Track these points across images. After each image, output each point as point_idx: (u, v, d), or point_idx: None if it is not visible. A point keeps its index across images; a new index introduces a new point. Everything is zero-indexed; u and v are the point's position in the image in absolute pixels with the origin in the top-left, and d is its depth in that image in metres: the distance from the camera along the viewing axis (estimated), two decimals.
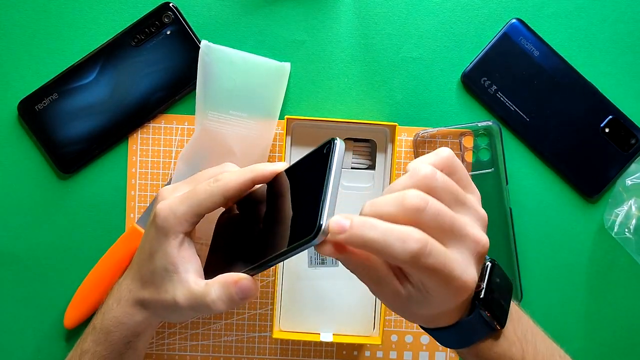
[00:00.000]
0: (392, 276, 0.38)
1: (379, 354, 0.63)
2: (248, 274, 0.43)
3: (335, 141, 0.40)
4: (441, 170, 0.37)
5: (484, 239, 0.38)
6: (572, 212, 0.63)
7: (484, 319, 0.40)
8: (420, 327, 0.42)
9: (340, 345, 0.63)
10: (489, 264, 0.41)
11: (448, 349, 0.63)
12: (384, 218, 0.35)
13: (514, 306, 0.43)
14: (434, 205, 0.35)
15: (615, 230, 0.61)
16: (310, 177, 0.41)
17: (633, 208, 0.60)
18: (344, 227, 0.35)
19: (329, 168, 0.39)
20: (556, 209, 0.63)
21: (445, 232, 0.36)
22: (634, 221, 0.61)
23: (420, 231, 0.34)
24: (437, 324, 0.41)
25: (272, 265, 0.42)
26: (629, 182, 0.61)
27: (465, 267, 0.36)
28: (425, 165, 0.37)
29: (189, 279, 0.44)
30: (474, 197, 0.39)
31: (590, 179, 0.62)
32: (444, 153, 0.38)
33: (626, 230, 0.61)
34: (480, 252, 0.37)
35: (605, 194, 0.63)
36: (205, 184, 0.45)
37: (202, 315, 0.57)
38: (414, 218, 0.35)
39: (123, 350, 0.49)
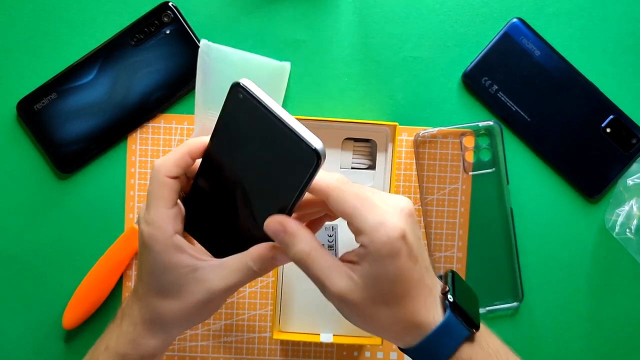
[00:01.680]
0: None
1: (379, 354, 0.63)
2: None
3: (242, 82, 0.39)
4: None
5: (404, 198, 0.42)
6: (573, 212, 0.63)
7: (457, 319, 0.41)
8: (400, 349, 0.43)
9: (340, 346, 0.63)
10: (450, 273, 0.44)
11: None
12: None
13: (483, 324, 0.44)
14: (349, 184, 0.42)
15: (617, 230, 0.61)
16: (253, 125, 0.39)
17: (634, 208, 0.60)
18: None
19: (267, 107, 0.38)
20: (557, 209, 0.63)
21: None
22: (635, 221, 0.60)
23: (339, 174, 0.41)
24: (412, 331, 0.41)
25: (295, 204, 0.41)
26: (630, 182, 0.61)
27: (389, 210, 0.40)
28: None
29: (211, 264, 0.44)
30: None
31: (591, 178, 0.62)
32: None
33: (627, 230, 0.60)
34: (404, 207, 0.41)
35: (607, 194, 0.63)
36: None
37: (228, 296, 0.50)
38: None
39: None
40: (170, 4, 0.61)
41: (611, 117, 0.62)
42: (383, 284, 0.40)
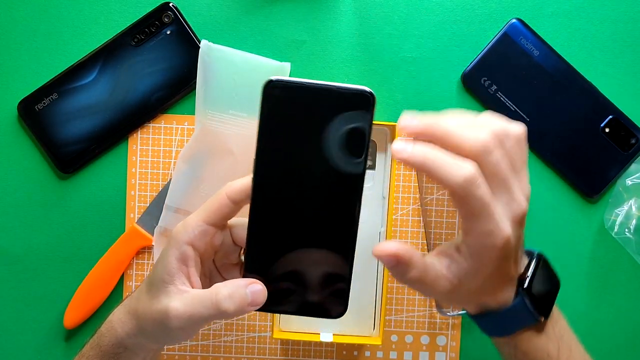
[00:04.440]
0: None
1: (379, 354, 0.63)
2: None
3: (272, 78, 0.39)
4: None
5: (524, 204, 0.39)
6: (572, 212, 0.63)
7: (527, 307, 0.42)
8: (468, 315, 0.44)
9: (340, 346, 0.63)
10: (536, 257, 0.44)
11: (446, 350, 0.63)
12: (450, 139, 0.37)
13: (555, 307, 0.45)
14: (499, 153, 0.38)
15: (616, 230, 0.61)
16: (298, 111, 0.40)
17: (633, 208, 0.61)
18: (405, 148, 0.37)
19: (306, 84, 0.40)
20: (556, 209, 0.63)
21: (496, 181, 0.38)
22: (634, 221, 0.61)
23: (475, 164, 0.37)
24: (483, 307, 0.42)
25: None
26: (629, 182, 0.61)
27: (503, 217, 0.38)
28: (510, 124, 0.40)
29: (187, 289, 0.42)
30: (522, 174, 0.41)
31: (591, 179, 0.62)
32: (520, 130, 0.41)
33: (626, 230, 0.61)
34: (517, 215, 0.39)
35: (606, 194, 0.63)
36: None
37: (187, 336, 0.46)
38: (479, 154, 0.37)
39: None
40: (170, 4, 0.61)
41: (610, 117, 0.62)
42: (471, 280, 0.40)
